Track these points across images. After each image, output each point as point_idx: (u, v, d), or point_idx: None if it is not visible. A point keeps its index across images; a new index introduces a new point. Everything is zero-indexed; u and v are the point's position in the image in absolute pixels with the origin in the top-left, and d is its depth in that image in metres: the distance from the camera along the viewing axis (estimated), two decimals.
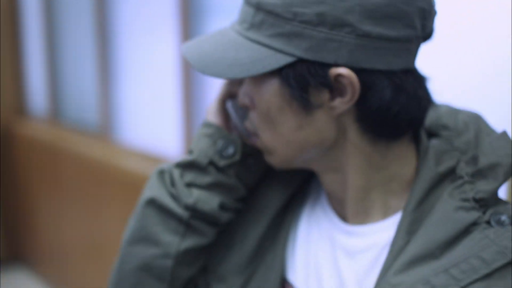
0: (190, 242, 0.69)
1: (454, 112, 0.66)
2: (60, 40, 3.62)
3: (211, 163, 0.68)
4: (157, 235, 0.69)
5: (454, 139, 0.63)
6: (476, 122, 0.65)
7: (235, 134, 0.70)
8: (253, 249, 0.69)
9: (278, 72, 0.59)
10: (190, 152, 0.71)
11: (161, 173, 0.71)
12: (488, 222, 0.57)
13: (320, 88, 0.59)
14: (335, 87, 0.58)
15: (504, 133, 0.63)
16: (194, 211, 0.68)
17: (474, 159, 0.61)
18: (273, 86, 0.61)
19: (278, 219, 0.70)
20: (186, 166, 0.69)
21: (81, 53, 3.32)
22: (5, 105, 4.10)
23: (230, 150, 0.68)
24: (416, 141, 0.65)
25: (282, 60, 0.58)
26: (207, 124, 0.71)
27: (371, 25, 0.56)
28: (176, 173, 0.69)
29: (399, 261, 0.58)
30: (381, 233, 0.63)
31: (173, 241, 0.68)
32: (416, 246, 0.57)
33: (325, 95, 0.59)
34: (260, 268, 0.69)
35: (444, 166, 0.61)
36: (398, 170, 0.63)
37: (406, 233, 0.60)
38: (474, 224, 0.58)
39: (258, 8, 0.59)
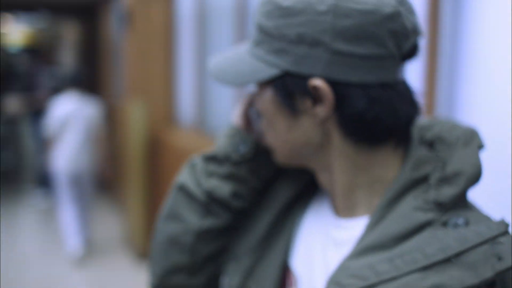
0: (208, 222, 0.81)
1: (454, 126, 0.71)
2: (208, 57, 3.92)
3: (228, 157, 0.81)
4: (182, 215, 0.82)
5: (443, 151, 0.69)
6: (470, 136, 0.69)
7: (252, 135, 0.82)
8: (262, 235, 0.80)
9: (271, 82, 0.70)
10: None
11: (193, 163, 0.85)
12: (445, 224, 0.63)
13: (303, 97, 0.68)
14: (315, 96, 0.67)
15: (476, 146, 0.68)
16: (211, 197, 0.80)
17: (443, 167, 0.67)
18: (268, 94, 0.72)
19: (286, 210, 0.81)
20: (209, 158, 0.82)
21: None
22: (157, 115, 4.50)
23: (244, 148, 0.80)
24: (407, 148, 0.71)
25: (273, 72, 0.69)
26: (230, 126, 0.84)
27: (342, 44, 0.65)
28: (202, 164, 0.83)
29: (355, 249, 0.65)
30: (361, 227, 0.70)
31: (194, 221, 0.81)
32: (371, 237, 0.65)
33: (308, 102, 0.68)
34: (267, 252, 0.80)
35: (419, 173, 0.68)
36: (381, 173, 0.70)
37: (371, 228, 0.67)
38: (428, 224, 0.64)
39: (260, 29, 0.70)
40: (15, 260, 4.74)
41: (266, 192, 0.83)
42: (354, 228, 0.71)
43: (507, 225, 0.61)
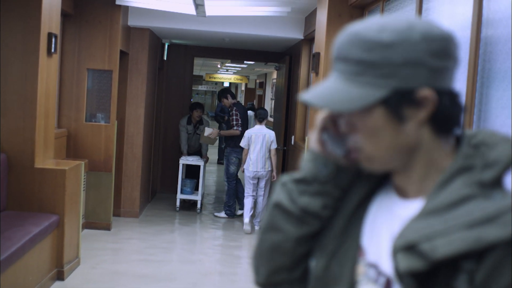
0: (302, 231, 1.00)
1: (494, 134, 0.90)
2: None
3: (315, 178, 0.99)
4: (281, 226, 1.01)
5: (485, 150, 0.88)
6: (506, 139, 0.88)
7: (330, 157, 0.98)
8: (343, 226, 0.99)
9: (383, 101, 0.87)
10: (301, 170, 1.01)
11: (283, 184, 1.02)
12: (485, 197, 0.82)
13: (409, 106, 0.87)
14: (419, 103, 0.87)
15: (510, 145, 0.87)
16: (306, 211, 0.99)
17: (485, 157, 0.86)
18: (378, 111, 0.88)
19: (360, 205, 1.00)
20: (299, 181, 1.00)
21: None
22: None
23: (326, 170, 0.99)
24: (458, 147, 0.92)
25: (383, 92, 0.86)
26: (310, 151, 1.01)
27: (435, 61, 0.86)
28: (293, 185, 1.01)
29: (419, 213, 0.84)
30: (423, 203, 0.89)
31: (292, 230, 1.00)
32: (431, 205, 0.85)
33: (413, 110, 0.87)
34: (346, 238, 0.98)
35: (467, 163, 0.87)
36: (443, 164, 0.90)
37: (431, 199, 0.86)
38: (472, 197, 0.83)
39: (360, 62, 0.87)
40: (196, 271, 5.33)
41: (345, 196, 1.02)
42: (418, 205, 0.90)
43: None
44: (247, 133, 7.08)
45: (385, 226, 0.94)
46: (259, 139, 6.97)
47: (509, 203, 0.81)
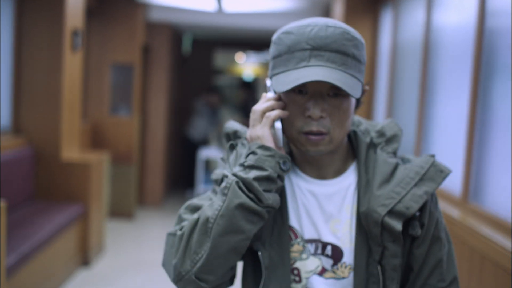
0: (260, 225, 1.02)
1: (377, 123, 1.17)
2: (398, 93, 4.16)
3: (279, 176, 1.03)
4: (242, 227, 0.99)
5: (370, 129, 1.15)
6: (363, 120, 1.17)
7: (283, 151, 1.06)
8: (272, 213, 1.06)
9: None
10: (256, 167, 1.01)
11: (238, 183, 1.00)
12: (404, 162, 1.10)
13: (361, 96, 1.07)
14: (363, 94, 1.08)
15: (393, 120, 1.15)
16: (270, 207, 1.02)
17: (382, 134, 1.13)
18: (352, 100, 1.07)
19: (282, 192, 1.12)
20: (262, 179, 1.01)
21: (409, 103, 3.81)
22: None
23: (287, 165, 1.04)
24: None
25: (360, 85, 1.04)
26: (267, 148, 1.03)
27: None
28: (255, 184, 1.00)
29: (374, 185, 1.04)
30: (344, 181, 1.11)
31: (252, 229, 1.00)
32: (378, 177, 1.07)
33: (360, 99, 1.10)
34: (277, 224, 1.10)
35: (366, 138, 1.13)
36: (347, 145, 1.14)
37: (364, 173, 1.10)
38: (398, 164, 1.09)
39: (352, 56, 1.03)
40: None
41: None
42: (342, 182, 1.10)
43: (434, 155, 1.08)
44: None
45: (314, 206, 1.11)
46: None
47: (425, 163, 1.07)
